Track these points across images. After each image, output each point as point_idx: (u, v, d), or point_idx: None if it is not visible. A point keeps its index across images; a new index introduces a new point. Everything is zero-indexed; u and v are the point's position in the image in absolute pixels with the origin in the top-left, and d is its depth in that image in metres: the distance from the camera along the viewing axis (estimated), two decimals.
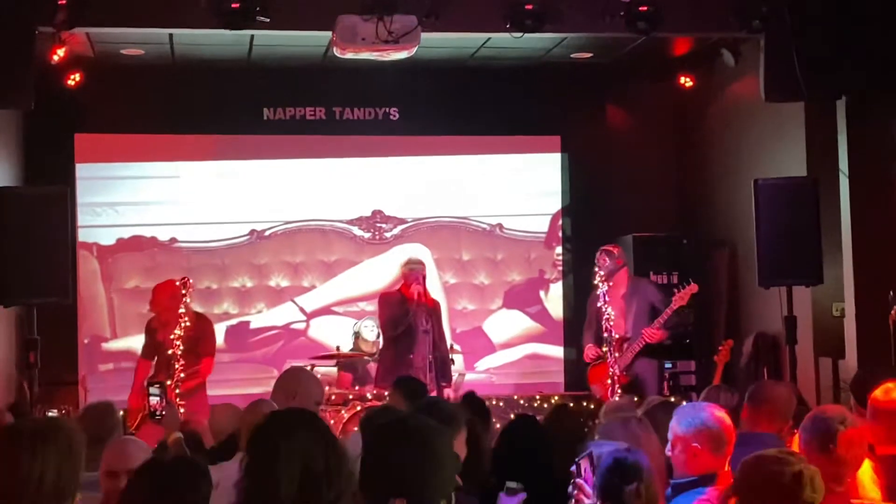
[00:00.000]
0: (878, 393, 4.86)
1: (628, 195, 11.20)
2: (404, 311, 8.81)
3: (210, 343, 8.67)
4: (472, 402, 5.80)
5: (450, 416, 4.20)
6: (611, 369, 8.72)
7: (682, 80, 10.93)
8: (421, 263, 9.13)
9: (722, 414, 4.37)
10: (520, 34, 7.75)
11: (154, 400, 6.47)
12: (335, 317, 11.02)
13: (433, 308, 8.99)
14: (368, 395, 9.03)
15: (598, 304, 8.91)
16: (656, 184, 11.38)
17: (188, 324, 8.17)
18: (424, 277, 8.93)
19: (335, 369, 9.92)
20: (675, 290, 9.14)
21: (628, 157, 11.35)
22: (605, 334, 8.72)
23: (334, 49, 6.85)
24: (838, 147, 8.71)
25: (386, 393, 8.46)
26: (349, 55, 6.80)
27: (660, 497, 3.95)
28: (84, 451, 2.88)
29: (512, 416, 7.91)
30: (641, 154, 11.40)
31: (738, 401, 6.47)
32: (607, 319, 8.72)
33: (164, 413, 6.38)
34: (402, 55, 6.88)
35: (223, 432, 6.00)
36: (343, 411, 8.80)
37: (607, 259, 9.03)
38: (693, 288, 9.00)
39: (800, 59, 7.98)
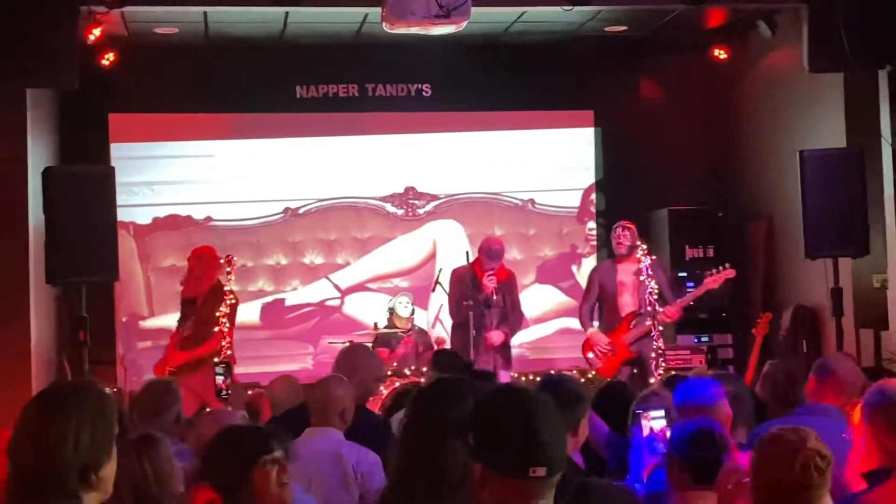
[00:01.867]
0: None
1: (662, 168, 11.17)
2: (471, 289, 8.90)
3: (233, 318, 8.62)
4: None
5: (576, 394, 4.21)
6: (655, 342, 8.68)
7: (716, 52, 10.91)
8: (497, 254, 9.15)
9: None
10: (570, 7, 7.72)
11: (220, 379, 6.50)
12: (369, 293, 11.03)
13: (506, 283, 9.08)
14: (406, 371, 9.09)
15: (641, 278, 8.87)
16: (690, 157, 11.34)
17: (234, 301, 8.18)
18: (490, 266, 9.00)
19: (371, 346, 9.92)
20: (709, 273, 9.06)
21: (662, 130, 11.30)
22: (649, 307, 8.68)
23: (384, 24, 6.82)
24: (880, 117, 8.65)
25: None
26: (400, 30, 6.77)
27: None
28: (115, 413, 2.89)
29: None
30: (675, 127, 11.35)
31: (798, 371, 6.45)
32: (651, 293, 8.68)
33: (229, 392, 6.39)
34: (450, 29, 6.84)
35: (282, 405, 6.04)
36: (381, 387, 8.81)
37: (629, 234, 9.00)
38: (729, 273, 8.94)
39: (845, 28, 7.93)
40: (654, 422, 4.61)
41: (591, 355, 9.15)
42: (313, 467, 4.60)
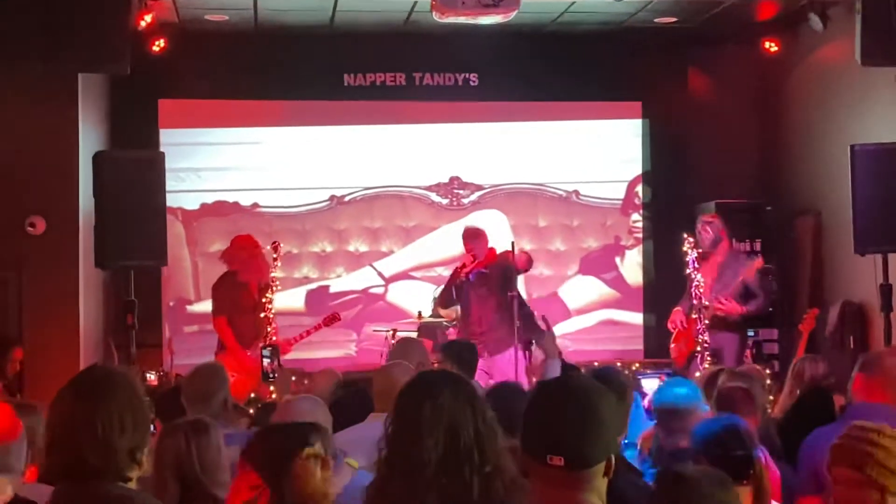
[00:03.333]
0: None
1: (710, 161, 11.11)
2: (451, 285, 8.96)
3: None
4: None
5: (623, 387, 4.22)
6: (699, 336, 8.66)
7: (767, 45, 10.82)
8: (472, 235, 9.08)
9: None
10: None
11: (266, 362, 6.53)
12: (413, 282, 11.06)
13: (490, 272, 8.92)
14: None
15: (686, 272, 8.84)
16: (739, 150, 11.26)
17: (279, 287, 8.23)
18: (472, 250, 8.94)
19: (416, 335, 9.95)
20: (743, 265, 9.03)
21: (710, 122, 11.24)
22: (694, 301, 8.65)
23: (433, 13, 6.83)
24: None
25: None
26: (449, 19, 6.77)
27: None
28: (143, 391, 2.95)
29: None
30: (724, 120, 11.28)
31: (824, 370, 6.41)
32: (697, 286, 8.65)
33: (276, 375, 6.43)
34: (499, 19, 6.84)
35: (324, 397, 6.07)
36: None
37: (710, 230, 8.96)
38: (757, 263, 8.92)
39: None
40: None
41: (673, 344, 9.10)
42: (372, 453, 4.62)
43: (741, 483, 3.69)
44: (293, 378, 7.48)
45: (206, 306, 10.53)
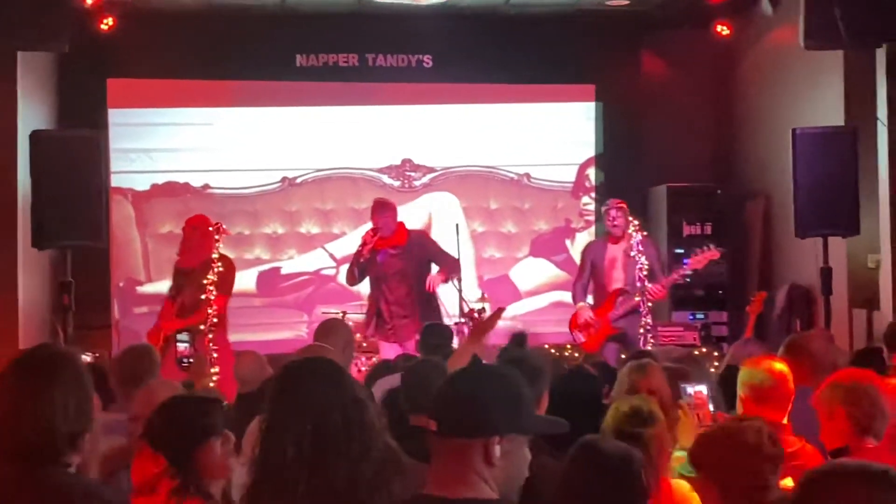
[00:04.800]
0: None
1: (662, 145, 11.12)
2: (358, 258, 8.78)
3: (227, 283, 8.59)
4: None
5: (537, 370, 4.21)
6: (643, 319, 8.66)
7: (719, 28, 10.82)
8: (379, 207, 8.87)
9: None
10: None
11: (182, 347, 6.44)
12: None
13: (401, 255, 8.71)
14: None
15: (630, 254, 8.84)
16: (691, 133, 11.28)
17: (221, 269, 8.17)
18: (377, 223, 8.73)
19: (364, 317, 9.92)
20: (696, 251, 9.01)
21: (663, 106, 11.24)
22: (639, 283, 8.65)
23: None
24: (877, 96, 8.57)
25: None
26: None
27: None
28: (88, 374, 2.90)
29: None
30: (676, 103, 11.28)
31: (762, 352, 6.42)
32: (640, 269, 8.66)
33: (191, 360, 6.35)
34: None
35: (248, 381, 6.03)
36: (375, 357, 8.82)
37: (622, 214, 8.94)
38: (713, 254, 8.87)
39: (840, 6, 7.84)
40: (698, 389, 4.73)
41: (577, 331, 9.12)
42: None
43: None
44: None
45: (156, 287, 10.51)
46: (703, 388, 4.81)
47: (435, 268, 8.76)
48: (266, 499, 2.79)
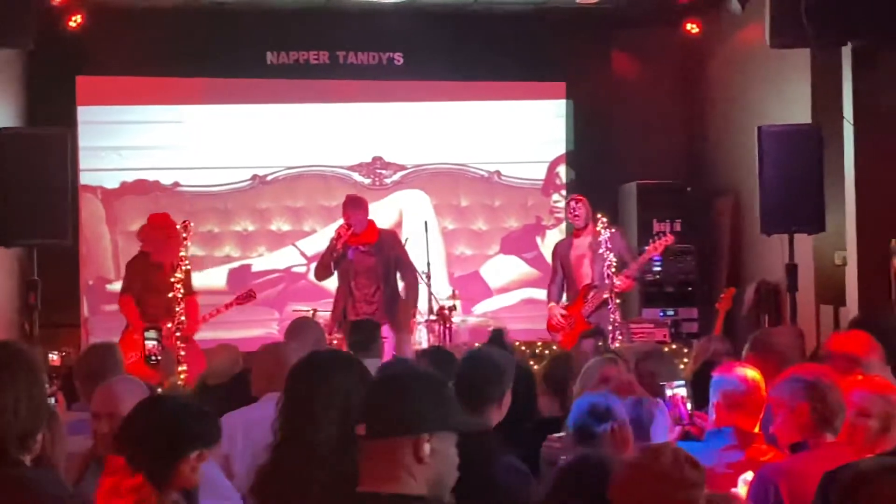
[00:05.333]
0: None
1: (632, 142, 11.16)
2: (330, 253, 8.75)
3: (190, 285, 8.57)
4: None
5: (499, 368, 4.23)
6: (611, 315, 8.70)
7: (689, 26, 10.88)
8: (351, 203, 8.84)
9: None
10: None
11: (150, 344, 6.43)
12: None
13: (371, 252, 8.70)
14: None
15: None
16: (661, 131, 11.32)
17: (188, 267, 8.16)
18: (349, 219, 8.70)
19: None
20: (652, 239, 9.10)
21: (633, 103, 11.27)
22: (606, 280, 8.68)
23: None
24: (843, 94, 8.63)
25: None
26: None
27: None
28: (46, 377, 2.88)
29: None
30: (646, 101, 11.32)
31: (728, 349, 6.47)
32: (608, 265, 8.69)
33: (160, 358, 6.35)
34: None
35: (222, 374, 6.05)
36: None
37: (582, 206, 8.99)
38: (668, 239, 8.99)
39: (806, 4, 7.89)
40: (678, 390, 4.73)
41: (553, 332, 9.19)
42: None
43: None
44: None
45: None
46: (682, 389, 4.83)
47: None
48: (288, 478, 2.89)
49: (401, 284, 8.83)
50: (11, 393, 2.74)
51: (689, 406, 4.73)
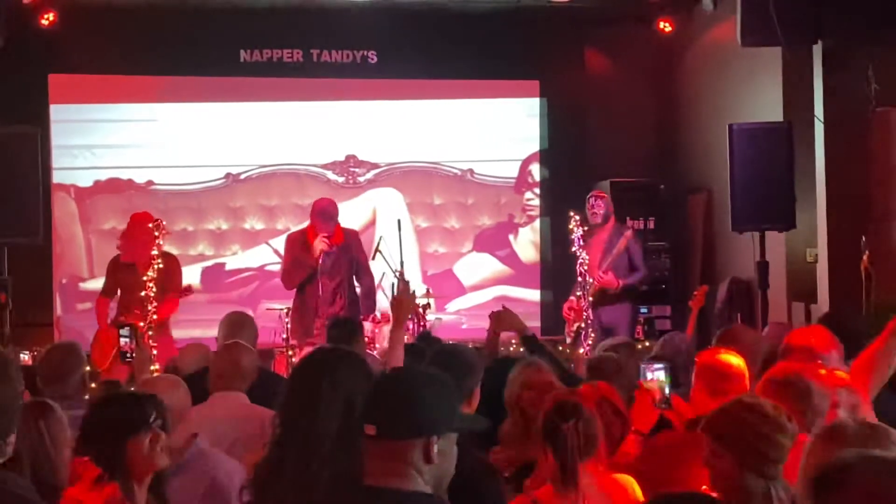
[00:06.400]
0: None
1: (606, 140, 11.19)
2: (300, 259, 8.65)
3: (177, 281, 8.57)
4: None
5: (468, 365, 4.25)
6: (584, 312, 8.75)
7: (661, 24, 10.93)
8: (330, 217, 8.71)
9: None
10: None
11: (124, 341, 6.42)
12: None
13: (344, 245, 8.66)
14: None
15: (573, 249, 8.91)
16: (634, 129, 11.36)
17: (161, 265, 8.12)
18: (320, 230, 8.60)
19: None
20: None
21: (607, 102, 11.31)
22: (579, 278, 8.73)
23: None
24: (814, 92, 8.68)
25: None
26: None
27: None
28: (21, 378, 2.87)
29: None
30: (620, 99, 11.37)
31: (684, 344, 6.53)
32: (581, 264, 8.73)
33: (134, 355, 6.34)
34: None
35: (186, 370, 6.04)
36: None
37: (602, 204, 9.04)
38: (627, 234, 9.08)
39: (776, 3, 7.94)
40: (657, 373, 4.76)
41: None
42: (220, 431, 4.64)
43: None
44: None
45: (99, 284, 10.40)
46: (661, 373, 4.88)
47: None
48: (288, 474, 2.97)
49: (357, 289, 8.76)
50: None
51: (667, 391, 4.74)
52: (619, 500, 3.95)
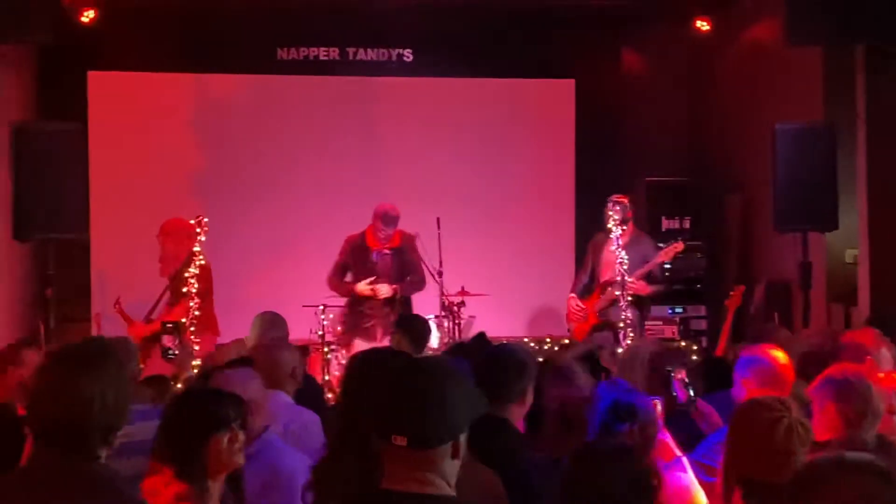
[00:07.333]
0: None
1: (642, 139, 11.18)
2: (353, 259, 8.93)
3: (205, 287, 8.57)
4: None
5: (521, 364, 4.25)
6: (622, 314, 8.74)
7: (699, 23, 10.89)
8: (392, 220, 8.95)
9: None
10: None
11: (167, 338, 6.44)
12: None
13: (399, 248, 8.94)
14: None
15: (612, 249, 8.90)
16: (670, 128, 11.35)
17: (203, 262, 8.15)
18: (380, 232, 8.88)
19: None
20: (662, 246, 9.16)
21: (643, 101, 11.29)
22: (618, 278, 8.71)
23: None
24: (856, 92, 8.65)
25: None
26: None
27: None
28: (130, 371, 2.92)
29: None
30: (656, 98, 11.34)
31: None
32: (620, 263, 8.71)
33: (176, 352, 6.36)
34: None
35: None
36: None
37: (619, 209, 9.01)
38: (678, 246, 8.99)
39: (822, 2, 7.91)
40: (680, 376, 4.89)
41: (568, 322, 9.28)
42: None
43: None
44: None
45: (134, 280, 10.46)
46: (683, 374, 4.92)
47: None
48: (347, 473, 3.00)
49: None
50: (99, 386, 2.78)
51: (691, 392, 4.84)
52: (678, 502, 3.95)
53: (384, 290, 8.82)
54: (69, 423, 2.76)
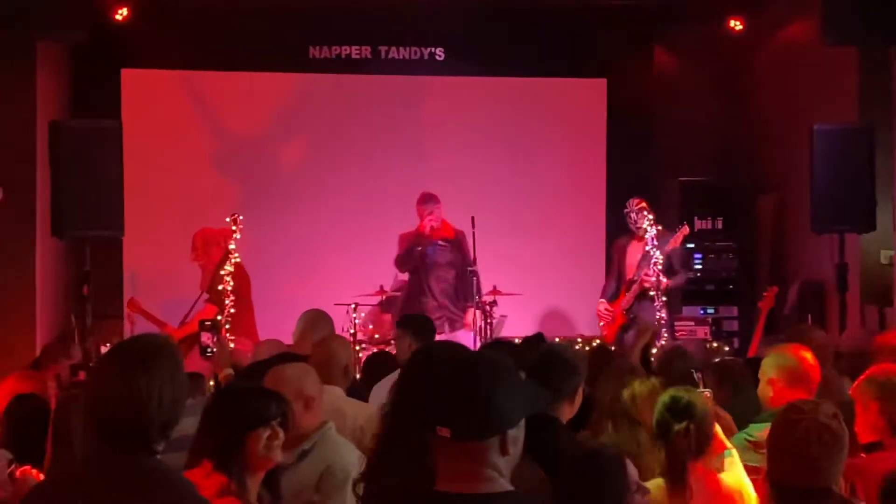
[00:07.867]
0: None
1: (674, 139, 11.13)
2: (414, 247, 9.24)
3: (241, 291, 8.62)
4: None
5: (571, 365, 4.26)
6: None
7: (732, 23, 10.84)
8: (431, 198, 9.34)
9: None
10: None
11: (205, 336, 6.46)
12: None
13: (454, 239, 9.29)
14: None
15: (647, 249, 8.90)
16: (703, 128, 11.28)
17: (238, 259, 8.19)
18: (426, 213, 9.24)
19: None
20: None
21: (675, 100, 11.24)
22: (654, 277, 8.72)
23: None
24: (892, 93, 8.60)
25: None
26: None
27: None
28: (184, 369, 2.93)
29: None
30: (688, 98, 11.28)
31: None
32: (655, 263, 8.71)
33: (214, 350, 6.38)
34: None
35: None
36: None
37: (641, 216, 9.00)
38: (684, 230, 9.06)
39: (858, 2, 7.88)
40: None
41: (600, 324, 9.33)
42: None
43: None
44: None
45: (166, 277, 10.52)
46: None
47: None
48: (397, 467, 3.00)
49: None
50: (157, 382, 2.80)
51: (708, 392, 4.87)
52: (729, 501, 3.94)
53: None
54: (130, 422, 2.78)
